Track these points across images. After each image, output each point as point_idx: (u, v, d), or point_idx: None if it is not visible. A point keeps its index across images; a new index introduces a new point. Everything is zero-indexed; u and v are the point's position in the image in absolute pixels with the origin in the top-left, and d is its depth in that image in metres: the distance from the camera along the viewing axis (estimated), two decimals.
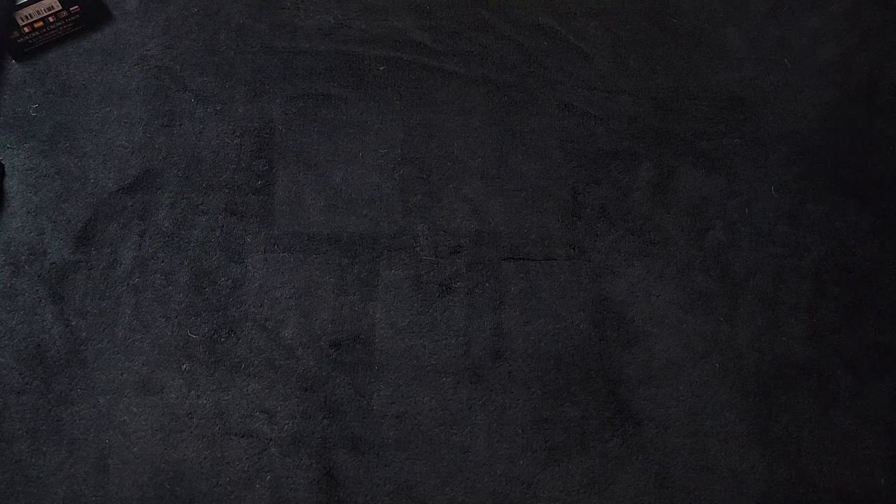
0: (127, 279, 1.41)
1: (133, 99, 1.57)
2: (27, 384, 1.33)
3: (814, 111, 1.61)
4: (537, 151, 1.56)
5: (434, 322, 1.41)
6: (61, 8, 1.58)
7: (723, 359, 1.40)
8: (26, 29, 1.57)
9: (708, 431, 1.35)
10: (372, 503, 1.28)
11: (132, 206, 1.47)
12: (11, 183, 1.48)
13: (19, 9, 1.55)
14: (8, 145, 1.51)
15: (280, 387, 1.35)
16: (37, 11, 1.57)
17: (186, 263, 1.43)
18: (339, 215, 1.49)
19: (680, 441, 1.34)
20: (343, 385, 1.36)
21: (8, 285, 1.40)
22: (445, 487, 1.29)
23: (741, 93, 1.63)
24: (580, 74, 1.64)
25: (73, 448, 1.29)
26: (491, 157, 1.55)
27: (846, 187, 1.54)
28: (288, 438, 1.31)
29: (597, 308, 1.43)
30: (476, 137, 1.57)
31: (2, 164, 1.49)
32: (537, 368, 1.38)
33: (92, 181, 1.49)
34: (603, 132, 1.59)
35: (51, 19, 1.59)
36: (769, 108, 1.62)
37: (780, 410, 1.36)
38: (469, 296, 1.43)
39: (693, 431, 1.35)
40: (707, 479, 1.31)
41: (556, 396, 1.36)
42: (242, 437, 1.31)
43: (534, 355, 1.39)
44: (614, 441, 1.34)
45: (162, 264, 1.43)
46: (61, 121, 1.54)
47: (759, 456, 1.33)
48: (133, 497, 1.27)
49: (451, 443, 1.32)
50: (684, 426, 1.35)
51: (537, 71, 1.64)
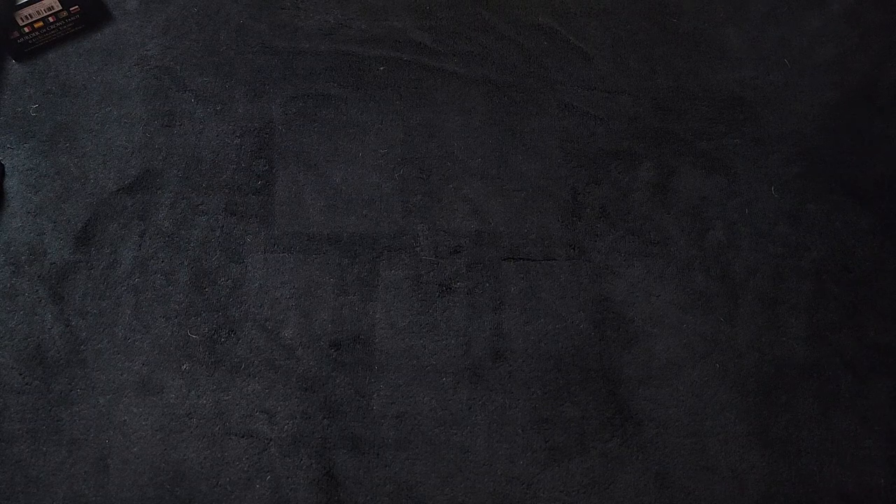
0: (127, 279, 1.41)
1: (133, 99, 1.57)
2: (27, 384, 1.33)
3: (814, 111, 1.61)
4: (537, 151, 1.56)
5: (434, 322, 1.41)
6: (61, 8, 1.58)
7: (723, 359, 1.40)
8: (26, 29, 1.57)
9: (708, 431, 1.35)
10: (372, 503, 1.28)
11: (132, 206, 1.47)
12: (11, 183, 1.48)
13: (19, 9, 1.55)
14: (8, 145, 1.51)
15: (280, 387, 1.35)
16: (37, 11, 1.57)
17: (186, 263, 1.43)
18: (339, 215, 1.49)
19: (680, 441, 1.34)
20: (343, 385, 1.36)
21: (8, 285, 1.40)
22: (445, 487, 1.29)
23: (741, 93, 1.63)
24: (580, 74, 1.64)
25: (73, 448, 1.29)
26: (491, 157, 1.55)
27: (846, 187, 1.54)
28: (288, 438, 1.31)
29: (597, 308, 1.43)
30: (476, 137, 1.57)
31: (2, 164, 1.49)
32: (537, 368, 1.38)
33: (92, 181, 1.49)
34: (603, 132, 1.59)
35: (51, 19, 1.59)
36: (769, 108, 1.62)
37: (780, 410, 1.36)
38: (469, 296, 1.43)
39: (693, 431, 1.35)
40: (707, 479, 1.31)
41: (556, 396, 1.36)
42: (242, 437, 1.31)
43: (534, 355, 1.39)
44: (614, 441, 1.34)
45: (162, 264, 1.43)
46: (61, 121, 1.54)
47: (759, 456, 1.33)
48: (133, 497, 1.27)
49: (451, 443, 1.32)
50: (684, 426, 1.35)
51: (537, 71, 1.64)
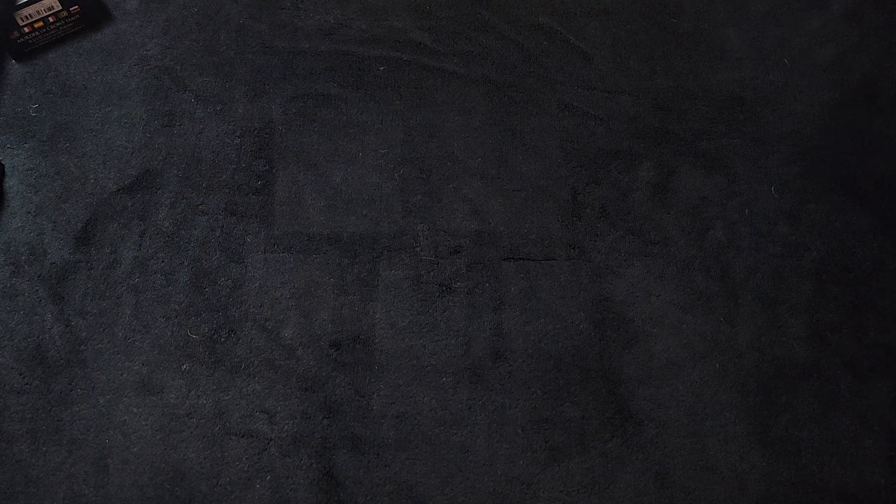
0: (127, 279, 1.41)
1: (133, 99, 1.57)
2: (27, 384, 1.33)
3: (814, 111, 1.61)
4: (537, 151, 1.56)
5: (434, 322, 1.41)
6: (61, 8, 1.58)
7: (723, 359, 1.40)
8: (26, 29, 1.57)
9: (708, 431, 1.35)
10: (372, 503, 1.28)
11: (132, 206, 1.47)
12: (11, 183, 1.48)
13: (19, 9, 1.55)
14: (8, 145, 1.51)
15: (280, 387, 1.35)
16: (37, 11, 1.57)
17: (186, 263, 1.43)
18: (339, 215, 1.49)
19: (680, 441, 1.34)
20: (343, 385, 1.36)
21: (8, 285, 1.40)
22: (445, 487, 1.29)
23: (741, 93, 1.63)
24: (580, 74, 1.64)
25: (73, 448, 1.29)
26: (491, 157, 1.55)
27: (846, 187, 1.54)
28: (288, 438, 1.31)
29: (597, 308, 1.43)
30: (476, 137, 1.57)
31: (2, 164, 1.49)
32: (537, 368, 1.38)
33: (92, 181, 1.49)
34: (603, 132, 1.58)
35: (51, 19, 1.59)
36: (769, 108, 1.62)
37: (780, 410, 1.36)
38: (469, 296, 1.43)
39: (693, 431, 1.34)
40: (707, 479, 1.31)
41: (556, 396, 1.36)
42: (242, 437, 1.31)
43: (534, 355, 1.39)
44: (614, 441, 1.33)
45: (162, 264, 1.43)
46: (61, 121, 1.54)
47: (759, 456, 1.33)
48: (133, 497, 1.27)
49: (451, 443, 1.32)
50: (684, 426, 1.35)
51: (537, 71, 1.64)
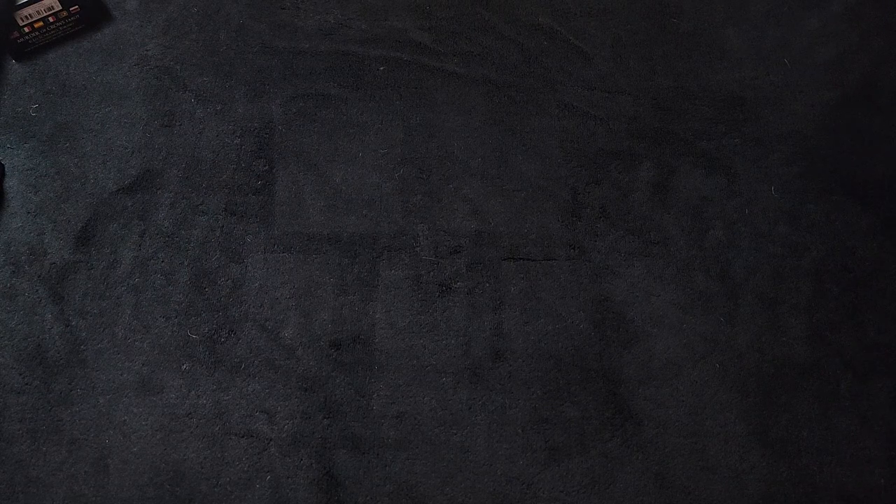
0: (127, 279, 1.41)
1: (133, 99, 1.57)
2: (27, 384, 1.33)
3: (814, 111, 1.61)
4: (537, 151, 1.56)
5: (434, 322, 1.41)
6: (61, 8, 1.58)
7: (723, 359, 1.40)
8: (26, 29, 1.57)
9: (708, 431, 1.35)
10: (372, 503, 1.28)
11: (132, 206, 1.47)
12: (11, 183, 1.48)
13: (19, 9, 1.55)
14: (8, 145, 1.51)
15: (280, 387, 1.35)
16: (37, 11, 1.57)
17: (186, 263, 1.43)
18: (339, 215, 1.49)
19: (680, 441, 1.34)
20: (343, 385, 1.36)
21: (8, 285, 1.40)
22: (445, 487, 1.29)
23: (741, 93, 1.63)
24: (580, 74, 1.64)
25: (73, 448, 1.29)
26: (491, 157, 1.55)
27: (846, 187, 1.54)
28: (288, 438, 1.31)
29: (597, 308, 1.43)
30: (476, 137, 1.57)
31: (2, 164, 1.49)
32: (537, 368, 1.38)
33: (92, 181, 1.49)
34: (603, 132, 1.58)
35: (51, 19, 1.59)
36: (769, 108, 1.62)
37: (780, 410, 1.36)
38: (469, 296, 1.43)
39: (693, 431, 1.34)
40: (707, 479, 1.31)
41: (556, 396, 1.36)
42: (242, 437, 1.31)
43: (534, 355, 1.39)
44: (614, 441, 1.33)
45: (162, 264, 1.43)
46: (61, 121, 1.54)
47: (759, 456, 1.33)
48: (133, 497, 1.27)
49: (451, 443, 1.32)
50: (684, 426, 1.35)
51: (537, 71, 1.64)
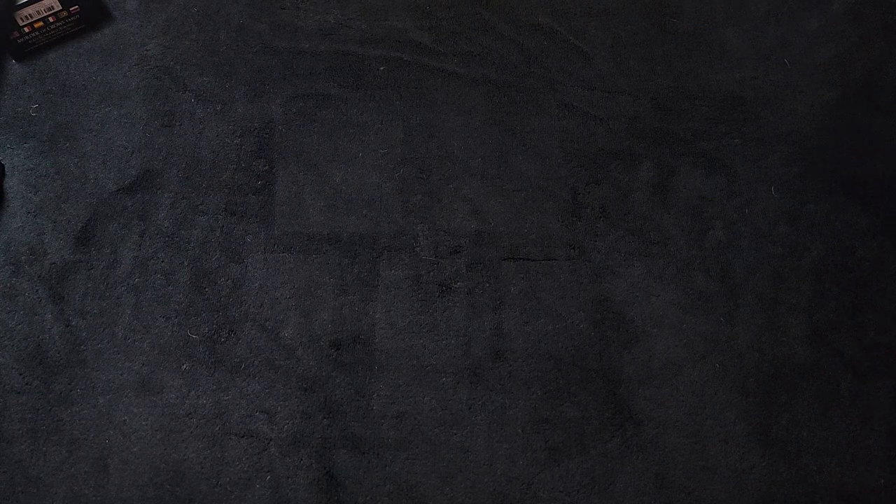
0: (127, 279, 1.41)
1: (133, 99, 1.57)
2: (27, 384, 1.33)
3: (814, 111, 1.61)
4: (537, 151, 1.56)
5: (434, 322, 1.41)
6: (61, 8, 1.58)
7: (723, 359, 1.40)
8: (26, 29, 1.57)
9: (708, 431, 1.35)
10: (372, 503, 1.28)
11: (132, 206, 1.47)
12: (11, 183, 1.48)
13: (19, 9, 1.55)
14: (8, 145, 1.51)
15: (280, 387, 1.35)
16: (37, 11, 1.57)
17: (186, 263, 1.43)
18: (339, 215, 1.49)
19: (680, 441, 1.34)
20: (343, 385, 1.36)
21: (8, 285, 1.40)
22: (445, 487, 1.29)
23: (741, 93, 1.63)
24: (580, 74, 1.64)
25: (73, 448, 1.29)
26: (491, 157, 1.55)
27: (846, 187, 1.54)
28: (288, 438, 1.31)
29: (597, 308, 1.43)
30: (476, 137, 1.57)
31: (2, 164, 1.49)
32: (537, 368, 1.38)
33: (92, 181, 1.49)
34: (603, 132, 1.58)
35: (51, 19, 1.59)
36: (769, 108, 1.62)
37: (780, 410, 1.36)
38: (469, 296, 1.43)
39: (693, 431, 1.34)
40: (707, 479, 1.31)
41: (556, 396, 1.36)
42: (242, 437, 1.31)
43: (534, 355, 1.39)
44: (614, 441, 1.33)
45: (162, 264, 1.43)
46: (61, 121, 1.54)
47: (759, 456, 1.33)
48: (133, 497, 1.27)
49: (451, 443, 1.32)
50: (684, 426, 1.35)
51: (537, 71, 1.64)
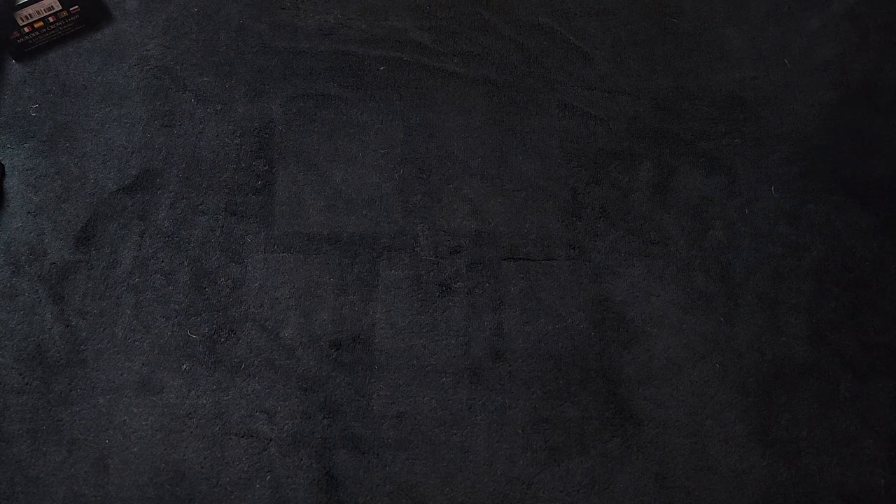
0: (127, 279, 1.41)
1: (133, 99, 1.57)
2: (27, 384, 1.33)
3: (814, 111, 1.61)
4: (537, 151, 1.56)
5: (434, 322, 1.41)
6: (61, 8, 1.58)
7: (723, 359, 1.40)
8: (26, 29, 1.57)
9: (708, 431, 1.35)
10: (372, 503, 1.28)
11: (132, 206, 1.47)
12: (11, 183, 1.48)
13: (19, 9, 1.55)
14: (8, 145, 1.51)
15: (280, 387, 1.35)
16: (37, 11, 1.57)
17: (186, 263, 1.43)
18: (339, 215, 1.49)
19: (680, 441, 1.34)
20: (343, 385, 1.36)
21: (8, 285, 1.40)
22: (445, 487, 1.29)
23: (741, 93, 1.63)
24: (580, 74, 1.64)
25: (73, 448, 1.29)
26: (491, 157, 1.55)
27: (846, 187, 1.54)
28: (288, 438, 1.31)
29: (597, 308, 1.43)
30: (476, 137, 1.57)
31: (2, 164, 1.49)
32: (537, 368, 1.38)
33: (92, 181, 1.49)
34: (603, 132, 1.58)
35: (51, 19, 1.59)
36: (769, 108, 1.62)
37: (780, 410, 1.36)
38: (469, 296, 1.43)
39: (693, 431, 1.34)
40: (707, 479, 1.31)
41: (556, 396, 1.36)
42: (242, 437, 1.31)
43: (534, 355, 1.39)
44: (614, 441, 1.33)
45: (162, 264, 1.43)
46: (61, 121, 1.54)
47: (759, 456, 1.33)
48: (133, 497, 1.27)
49: (451, 443, 1.32)
50: (684, 426, 1.35)
51: (537, 71, 1.64)
